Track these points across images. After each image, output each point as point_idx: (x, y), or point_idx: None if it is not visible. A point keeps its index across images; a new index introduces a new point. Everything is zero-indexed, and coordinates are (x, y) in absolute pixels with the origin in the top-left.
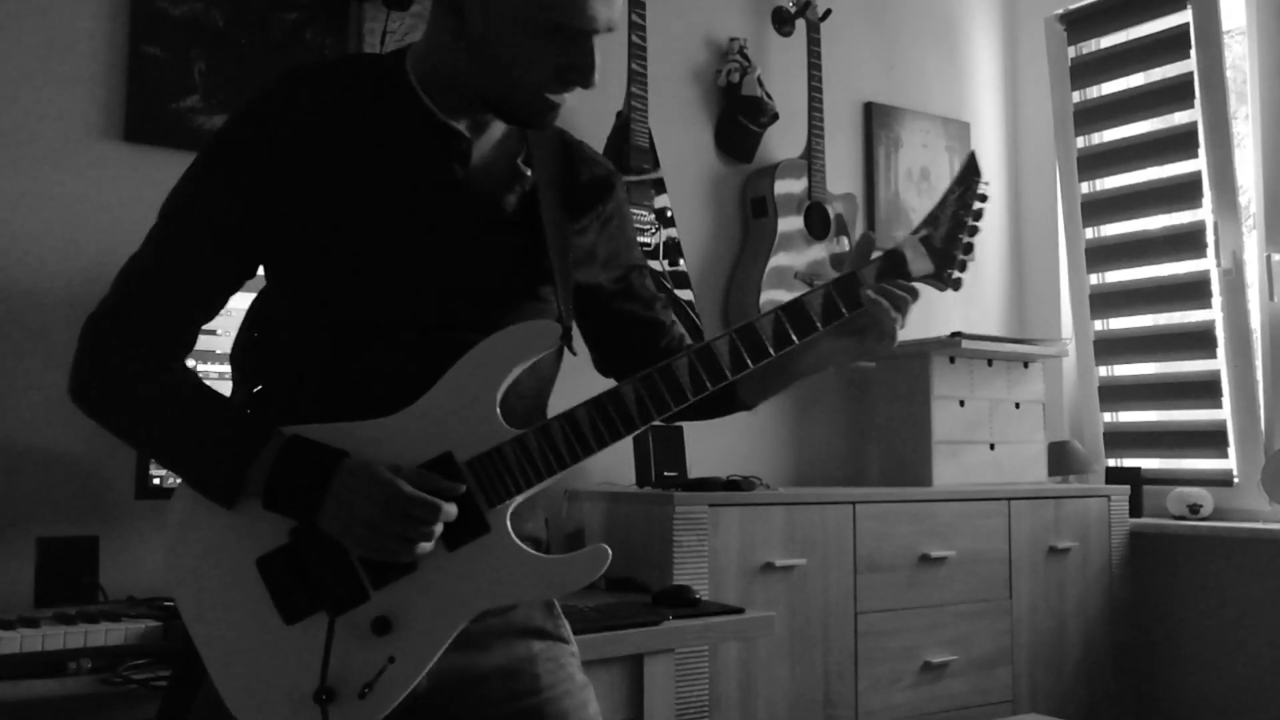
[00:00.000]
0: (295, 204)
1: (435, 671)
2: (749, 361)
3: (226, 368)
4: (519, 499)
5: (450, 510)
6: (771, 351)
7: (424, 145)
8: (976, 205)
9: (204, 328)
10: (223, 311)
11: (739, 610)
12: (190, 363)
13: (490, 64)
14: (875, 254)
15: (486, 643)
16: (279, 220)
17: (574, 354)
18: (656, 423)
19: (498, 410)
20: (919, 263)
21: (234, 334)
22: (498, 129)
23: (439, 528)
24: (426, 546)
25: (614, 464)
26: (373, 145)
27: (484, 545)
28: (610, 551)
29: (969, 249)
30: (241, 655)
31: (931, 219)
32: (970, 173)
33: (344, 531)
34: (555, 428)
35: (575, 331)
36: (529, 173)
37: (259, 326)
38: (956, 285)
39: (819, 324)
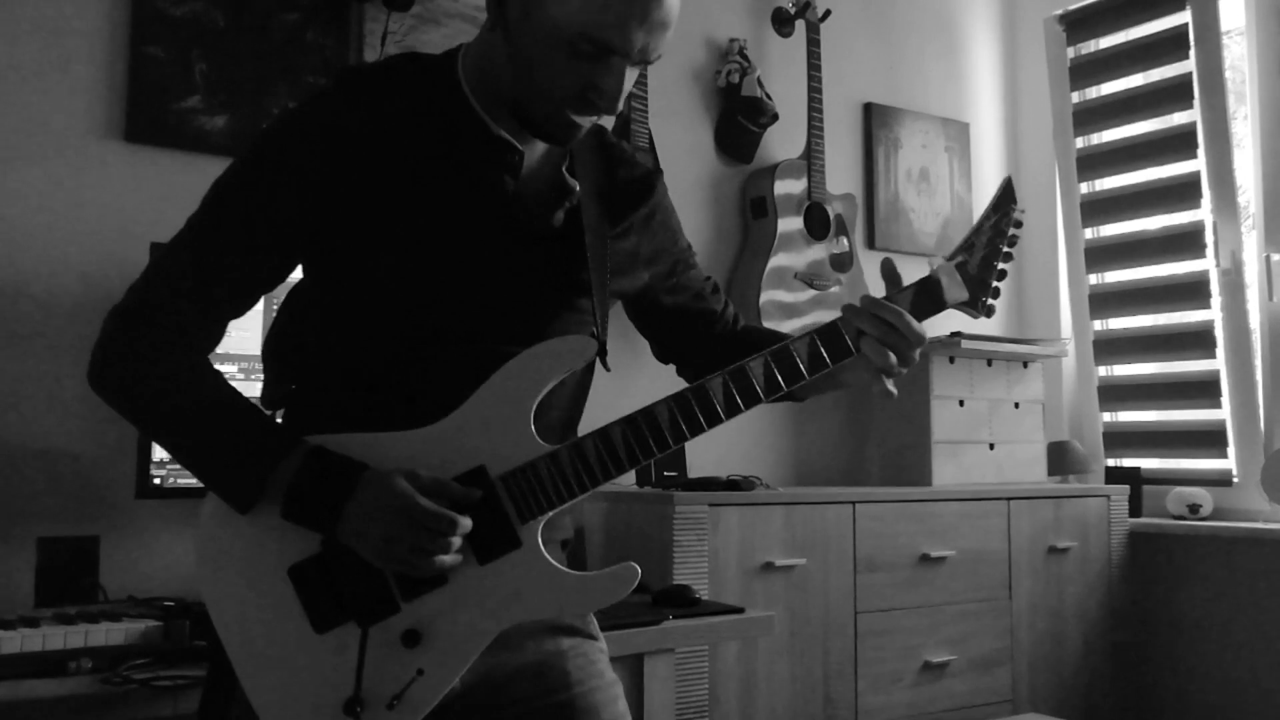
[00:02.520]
0: (342, 208)
1: (467, 670)
2: (783, 384)
3: (230, 368)
4: (550, 514)
5: (465, 524)
6: (806, 375)
7: (476, 156)
8: (1012, 232)
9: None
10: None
11: (739, 610)
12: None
13: (520, 68)
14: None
15: (518, 641)
16: (323, 223)
17: (608, 370)
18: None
19: (532, 425)
20: (954, 290)
21: (258, 332)
22: None
23: (457, 541)
24: (446, 560)
25: None
26: (424, 154)
27: (515, 560)
28: (639, 570)
29: (1003, 275)
30: (271, 663)
31: (967, 245)
32: (1006, 199)
33: (362, 544)
34: (589, 445)
35: (611, 344)
36: (575, 184)
37: (296, 323)
38: (990, 312)
39: (853, 349)
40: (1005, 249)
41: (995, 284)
